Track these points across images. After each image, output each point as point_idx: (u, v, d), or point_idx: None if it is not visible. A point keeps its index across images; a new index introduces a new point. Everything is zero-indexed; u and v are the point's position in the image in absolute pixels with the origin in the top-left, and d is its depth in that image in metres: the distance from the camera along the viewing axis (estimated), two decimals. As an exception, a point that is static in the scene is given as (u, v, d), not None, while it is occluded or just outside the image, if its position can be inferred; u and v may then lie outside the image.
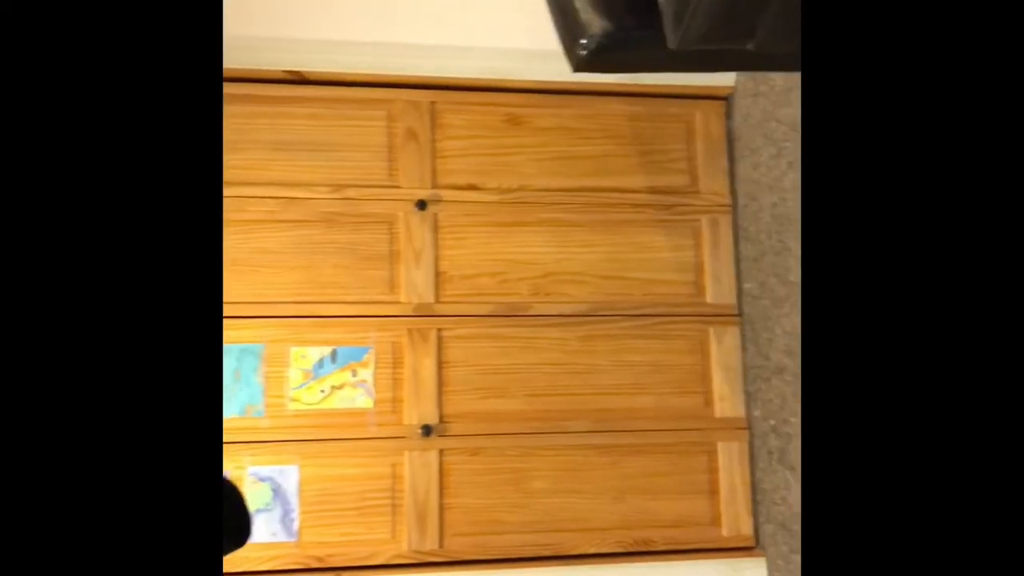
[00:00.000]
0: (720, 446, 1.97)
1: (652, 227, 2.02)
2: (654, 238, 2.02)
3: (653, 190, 2.04)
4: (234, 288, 1.85)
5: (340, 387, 1.87)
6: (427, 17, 1.97)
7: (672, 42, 1.18)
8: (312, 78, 1.95)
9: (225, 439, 1.76)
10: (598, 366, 1.96)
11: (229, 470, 1.79)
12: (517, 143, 2.01)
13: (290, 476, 1.82)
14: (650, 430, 1.95)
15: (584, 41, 1.31)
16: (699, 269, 2.03)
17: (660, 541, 1.91)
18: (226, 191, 1.86)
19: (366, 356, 1.89)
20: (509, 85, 2.02)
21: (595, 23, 1.28)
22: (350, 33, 1.95)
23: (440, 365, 1.90)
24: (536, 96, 2.04)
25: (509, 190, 1.99)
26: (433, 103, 2.00)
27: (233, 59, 1.86)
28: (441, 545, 1.84)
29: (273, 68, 1.92)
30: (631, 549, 1.90)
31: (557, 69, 1.55)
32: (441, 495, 1.86)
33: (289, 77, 1.94)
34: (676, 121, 2.08)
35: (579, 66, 1.37)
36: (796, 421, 1.76)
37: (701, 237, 2.04)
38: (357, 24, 1.95)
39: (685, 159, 2.07)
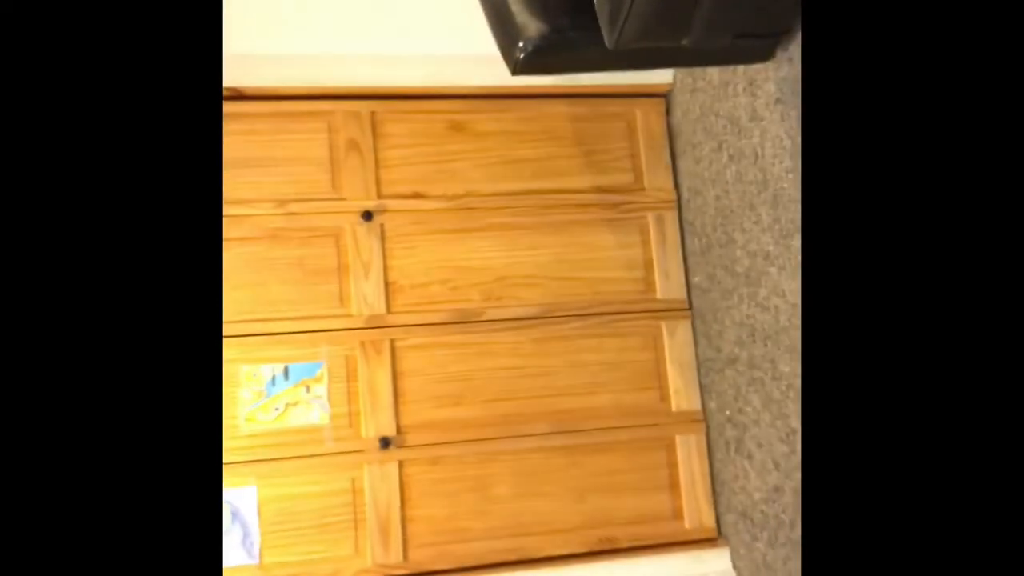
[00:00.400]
0: (678, 440, 1.98)
1: (599, 226, 2.04)
2: (602, 237, 2.03)
3: (598, 189, 2.05)
4: (180, 310, 1.81)
5: (294, 404, 1.85)
6: (364, 27, 1.96)
7: (609, 42, 1.19)
8: (250, 93, 1.93)
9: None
10: (553, 368, 1.96)
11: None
12: (460, 149, 2.01)
13: (248, 497, 1.79)
14: (608, 428, 1.95)
15: (521, 44, 1.32)
16: (648, 265, 2.05)
17: (624, 538, 1.92)
18: (166, 212, 1.82)
19: (319, 371, 1.87)
20: (449, 91, 2.02)
21: (531, 26, 1.29)
22: (286, 46, 1.93)
23: (395, 376, 1.89)
24: (477, 101, 2.04)
25: (455, 197, 1.98)
26: (373, 113, 1.98)
27: (167, 77, 1.82)
28: (405, 557, 1.83)
29: (209, 85, 1.89)
30: (596, 548, 1.90)
31: (497, 73, 1.55)
32: (403, 507, 1.85)
33: (227, 94, 1.92)
34: (617, 120, 2.10)
35: (517, 69, 1.37)
36: (751, 411, 1.78)
37: (648, 233, 2.05)
38: (293, 37, 1.94)
39: (628, 157, 2.09)
